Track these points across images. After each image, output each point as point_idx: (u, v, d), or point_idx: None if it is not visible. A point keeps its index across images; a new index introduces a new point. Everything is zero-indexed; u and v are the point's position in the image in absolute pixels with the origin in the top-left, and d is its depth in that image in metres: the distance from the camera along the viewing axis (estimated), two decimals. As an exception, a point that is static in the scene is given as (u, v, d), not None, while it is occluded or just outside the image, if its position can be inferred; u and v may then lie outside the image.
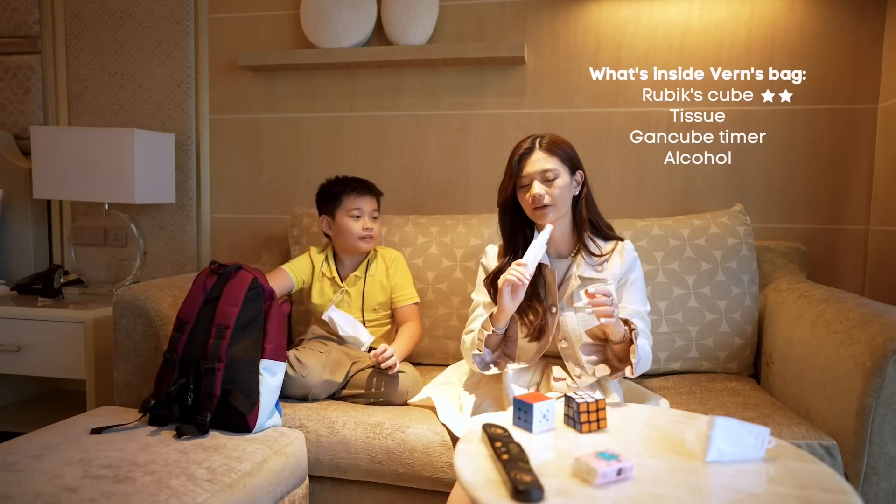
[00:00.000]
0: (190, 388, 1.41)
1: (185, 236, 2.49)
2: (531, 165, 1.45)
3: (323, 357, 1.67)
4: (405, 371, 1.66)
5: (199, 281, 1.54)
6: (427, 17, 2.20)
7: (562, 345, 1.48)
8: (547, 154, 1.45)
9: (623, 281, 1.49)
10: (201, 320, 1.48)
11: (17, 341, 2.05)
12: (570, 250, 1.53)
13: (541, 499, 0.87)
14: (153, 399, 1.43)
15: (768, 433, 1.02)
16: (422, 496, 1.50)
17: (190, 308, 1.50)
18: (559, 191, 1.44)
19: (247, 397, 1.42)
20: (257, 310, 1.49)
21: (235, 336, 1.45)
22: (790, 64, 2.04)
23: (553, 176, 1.44)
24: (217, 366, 1.41)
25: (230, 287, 1.49)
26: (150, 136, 2.29)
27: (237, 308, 1.46)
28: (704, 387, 1.71)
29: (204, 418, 1.38)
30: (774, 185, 2.10)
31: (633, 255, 1.51)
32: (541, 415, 1.12)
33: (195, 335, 1.47)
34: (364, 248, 1.85)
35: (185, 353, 1.46)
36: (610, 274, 1.48)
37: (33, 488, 1.11)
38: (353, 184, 1.87)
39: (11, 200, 2.47)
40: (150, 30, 2.45)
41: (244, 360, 1.44)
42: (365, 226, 1.83)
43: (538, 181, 1.44)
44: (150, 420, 1.43)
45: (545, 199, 1.43)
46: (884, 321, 1.33)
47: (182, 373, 1.43)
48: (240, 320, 1.46)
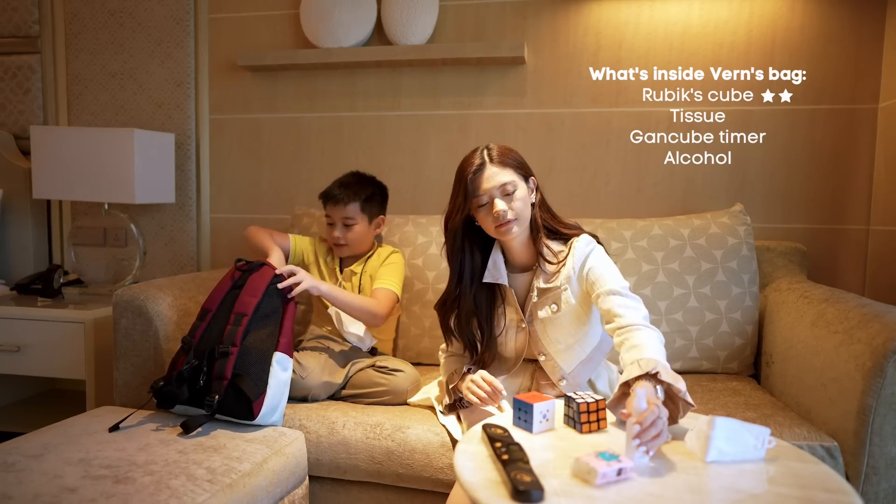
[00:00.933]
0: (203, 370, 1.44)
1: (185, 236, 2.49)
2: (487, 181, 1.36)
3: (322, 358, 1.67)
4: (403, 370, 1.66)
5: (229, 274, 1.61)
6: (427, 17, 2.20)
7: (541, 358, 1.45)
8: (500, 167, 1.37)
9: (583, 274, 1.37)
10: (223, 308, 1.54)
11: (17, 341, 2.04)
12: (532, 263, 1.45)
13: (541, 499, 0.87)
14: (163, 381, 1.45)
15: (768, 433, 1.02)
16: (422, 497, 1.50)
17: (214, 298, 1.57)
18: (520, 203, 1.36)
19: (255, 384, 1.44)
20: (277, 304, 1.55)
21: (252, 324, 1.50)
22: (790, 64, 2.04)
23: (512, 189, 1.35)
24: (231, 350, 1.45)
25: (253, 279, 1.56)
26: (150, 136, 2.29)
27: (256, 298, 1.52)
28: (705, 387, 1.71)
29: (212, 400, 1.40)
30: (774, 185, 2.10)
31: (583, 250, 1.39)
32: (541, 415, 1.12)
33: (215, 322, 1.52)
34: (338, 255, 1.88)
35: (203, 338, 1.50)
36: (564, 278, 1.39)
37: (33, 488, 1.11)
38: (331, 188, 1.85)
39: (11, 200, 2.47)
40: (150, 30, 2.45)
41: (258, 349, 1.48)
42: (334, 234, 1.83)
43: (498, 197, 1.35)
44: (159, 401, 1.45)
45: (508, 215, 1.35)
46: (884, 321, 1.33)
47: (196, 356, 1.47)
48: (258, 310, 1.51)
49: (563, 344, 1.42)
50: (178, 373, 1.43)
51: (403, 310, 1.97)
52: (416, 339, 1.97)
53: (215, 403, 1.40)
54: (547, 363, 1.45)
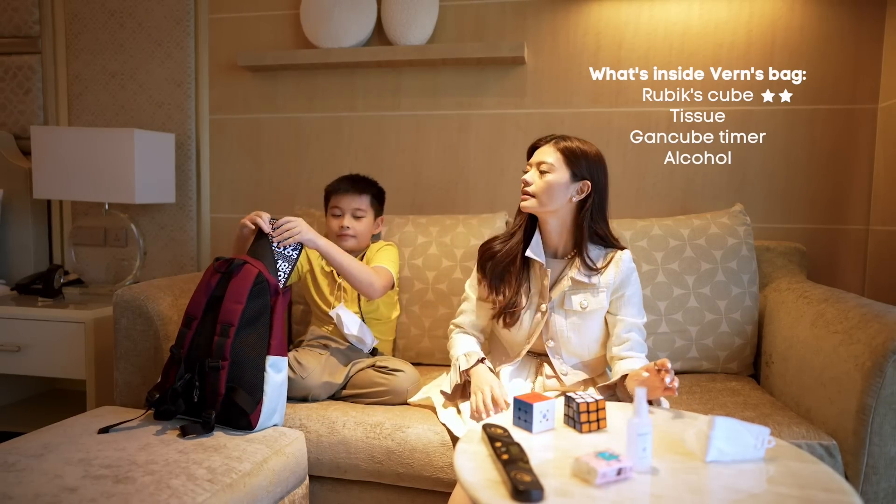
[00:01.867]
0: (195, 385, 1.41)
1: (185, 236, 2.49)
2: (536, 155, 1.51)
3: (322, 358, 1.67)
4: (404, 370, 1.66)
5: (206, 277, 1.52)
6: (427, 17, 2.20)
7: (549, 343, 1.52)
8: (553, 150, 1.49)
9: (619, 293, 1.49)
10: (207, 317, 1.48)
11: (17, 341, 2.05)
12: (567, 253, 1.53)
13: (541, 499, 0.87)
14: (157, 393, 1.43)
15: (768, 433, 1.02)
16: (422, 496, 1.50)
17: (196, 304, 1.50)
18: (546, 185, 1.46)
19: (250, 395, 1.42)
20: (263, 304, 1.48)
21: (240, 333, 1.44)
22: (790, 64, 2.04)
23: (546, 169, 1.46)
24: (221, 364, 1.41)
25: (234, 284, 1.47)
26: (150, 136, 2.29)
27: (241, 305, 1.44)
28: (704, 387, 1.71)
29: (209, 415, 1.39)
30: (774, 185, 2.10)
31: (629, 266, 1.50)
32: (541, 415, 1.12)
33: (201, 331, 1.47)
34: (344, 246, 1.80)
35: (191, 348, 1.46)
36: (603, 282, 1.48)
37: (33, 488, 1.11)
38: (339, 182, 1.89)
39: (11, 200, 2.47)
40: (150, 30, 2.45)
41: (249, 358, 1.44)
42: (341, 224, 1.83)
43: (534, 169, 1.50)
44: (156, 415, 1.44)
45: (530, 188, 1.48)
46: (884, 321, 1.34)
47: (188, 368, 1.44)
48: (244, 316, 1.44)
49: (576, 339, 1.50)
50: (172, 389, 1.41)
51: (403, 310, 1.97)
52: (416, 340, 1.97)
53: (212, 420, 1.39)
54: (555, 350, 1.50)
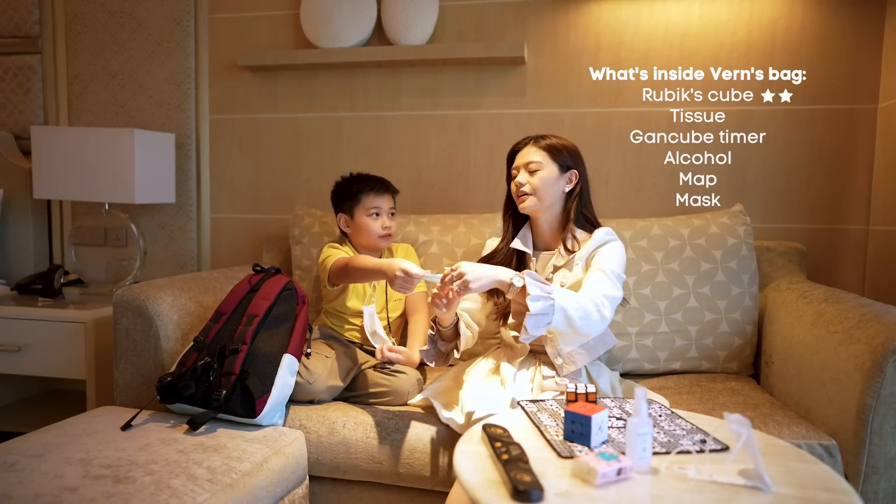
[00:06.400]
0: (213, 367, 1.46)
1: (185, 236, 2.49)
2: (519, 158, 1.58)
3: (329, 362, 1.67)
4: (406, 372, 1.66)
5: (246, 279, 1.67)
6: (427, 17, 2.20)
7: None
8: (535, 149, 1.56)
9: (591, 262, 1.50)
10: (237, 311, 1.59)
11: (17, 341, 2.05)
12: (557, 244, 1.57)
13: (541, 499, 0.87)
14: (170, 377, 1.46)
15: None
16: (422, 496, 1.50)
17: (230, 302, 1.61)
18: (540, 182, 1.52)
19: (262, 382, 1.46)
20: (289, 309, 1.60)
21: (263, 325, 1.54)
22: (790, 64, 2.04)
23: (536, 167, 1.53)
24: (241, 347, 1.48)
25: (267, 284, 1.63)
26: (150, 136, 2.29)
27: (268, 302, 1.57)
28: (704, 387, 1.71)
29: (219, 395, 1.41)
30: (774, 185, 2.10)
31: (602, 237, 1.52)
32: (597, 427, 1.06)
33: (228, 324, 1.57)
34: (383, 246, 1.88)
35: (216, 339, 1.53)
36: (578, 256, 1.52)
37: (33, 488, 1.12)
38: (371, 182, 1.88)
39: (11, 200, 2.47)
40: (150, 30, 2.45)
41: (268, 349, 1.51)
42: (384, 224, 1.85)
43: (523, 171, 1.55)
44: (163, 395, 1.46)
45: (525, 188, 1.53)
46: (883, 321, 1.34)
47: (209, 354, 1.50)
48: (270, 313, 1.56)
49: None
50: (191, 368, 1.46)
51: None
52: (416, 339, 1.97)
53: (222, 399, 1.41)
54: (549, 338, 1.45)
